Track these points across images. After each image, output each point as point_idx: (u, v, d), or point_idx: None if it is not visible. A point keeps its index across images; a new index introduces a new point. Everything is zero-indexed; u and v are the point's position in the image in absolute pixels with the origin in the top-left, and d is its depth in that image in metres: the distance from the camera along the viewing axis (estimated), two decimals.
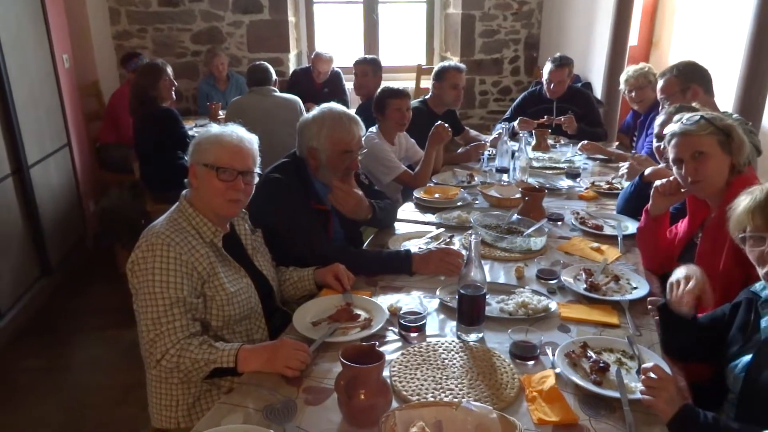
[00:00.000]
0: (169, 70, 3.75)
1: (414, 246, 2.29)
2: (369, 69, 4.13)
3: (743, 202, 1.43)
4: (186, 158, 1.85)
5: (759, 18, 2.69)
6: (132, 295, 1.71)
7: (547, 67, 4.07)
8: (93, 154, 4.70)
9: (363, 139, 2.33)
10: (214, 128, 1.84)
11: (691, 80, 2.90)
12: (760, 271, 1.39)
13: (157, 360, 1.58)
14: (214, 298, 1.72)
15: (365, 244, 2.42)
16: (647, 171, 2.54)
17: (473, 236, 1.66)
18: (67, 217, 4.12)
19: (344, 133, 2.21)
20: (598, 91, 4.89)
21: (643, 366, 1.38)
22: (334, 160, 2.22)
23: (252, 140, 1.85)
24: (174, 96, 3.76)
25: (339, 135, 2.20)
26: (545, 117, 3.98)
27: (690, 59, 3.10)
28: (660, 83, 3.02)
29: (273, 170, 2.25)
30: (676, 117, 2.00)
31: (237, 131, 1.83)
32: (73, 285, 3.97)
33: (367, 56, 4.24)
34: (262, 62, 4.12)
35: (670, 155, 1.95)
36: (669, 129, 1.94)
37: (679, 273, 1.58)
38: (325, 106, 2.30)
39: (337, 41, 6.29)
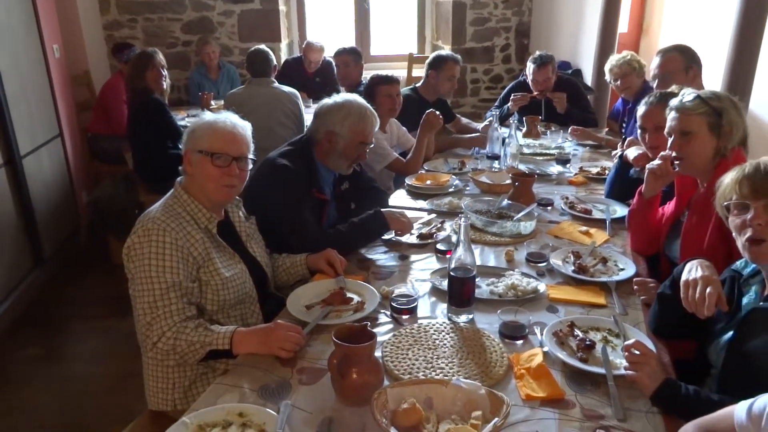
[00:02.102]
0: (160, 57, 3.74)
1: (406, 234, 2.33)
2: (350, 59, 4.16)
3: (732, 174, 1.47)
4: (177, 147, 1.87)
5: (746, 2, 2.72)
6: (128, 281, 1.73)
7: (530, 68, 4.05)
8: (85, 144, 4.70)
9: None
10: (208, 116, 1.86)
11: (692, 60, 2.94)
12: (739, 241, 1.43)
13: (153, 342, 1.61)
14: (209, 283, 1.75)
15: None
16: (627, 153, 2.60)
17: (463, 219, 1.69)
18: (60, 208, 4.12)
19: (367, 125, 2.34)
20: (589, 78, 4.92)
21: (626, 343, 1.43)
22: (350, 149, 2.33)
23: (245, 127, 1.87)
24: (165, 86, 3.75)
25: (362, 127, 2.33)
26: (536, 93, 3.98)
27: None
28: (659, 60, 3.02)
29: (279, 156, 2.29)
30: (683, 90, 2.02)
31: (230, 118, 1.85)
32: (66, 275, 3.99)
33: (346, 46, 4.26)
34: (262, 48, 4.03)
35: (666, 127, 1.99)
36: (671, 102, 1.99)
37: (695, 272, 1.49)
38: (350, 96, 2.42)
39: (329, 30, 6.28)
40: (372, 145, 2.45)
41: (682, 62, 2.95)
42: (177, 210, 1.76)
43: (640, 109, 2.35)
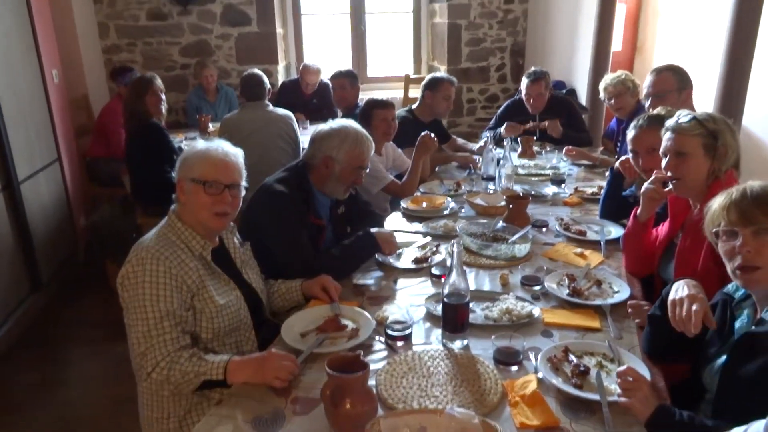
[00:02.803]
0: (158, 82, 3.78)
1: (403, 257, 2.34)
2: (346, 81, 4.19)
3: (719, 199, 1.48)
4: (173, 173, 1.88)
5: (737, 20, 2.75)
6: (123, 310, 1.73)
7: (524, 83, 4.12)
8: (83, 168, 4.72)
9: None
10: (200, 144, 1.87)
11: (685, 81, 2.96)
12: (729, 267, 1.44)
13: (147, 373, 1.61)
14: (203, 311, 1.75)
15: None
16: (617, 164, 2.63)
17: (455, 245, 1.70)
18: (57, 232, 4.13)
19: (364, 150, 2.37)
20: (583, 97, 4.96)
21: (618, 370, 1.43)
22: (346, 173, 2.35)
23: (237, 154, 1.89)
24: (163, 111, 3.78)
25: (359, 151, 2.35)
26: (530, 123, 4.03)
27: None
28: (652, 78, 3.04)
29: (276, 182, 2.31)
30: (678, 111, 2.04)
31: (222, 146, 1.87)
32: (64, 299, 3.98)
33: (342, 69, 4.30)
34: (256, 72, 4.08)
35: (661, 147, 2.00)
36: (667, 123, 2.00)
37: (681, 291, 1.52)
38: (345, 121, 2.46)
39: (326, 52, 6.34)
40: (368, 170, 2.46)
41: (675, 82, 2.98)
42: (171, 238, 1.77)
43: (630, 133, 2.37)
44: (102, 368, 3.24)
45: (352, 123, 2.45)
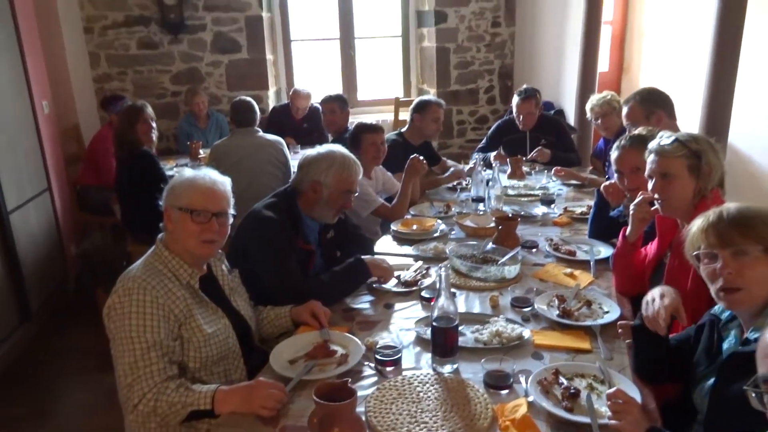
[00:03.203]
0: (149, 111, 3.79)
1: (393, 281, 2.34)
2: (336, 106, 4.22)
3: (698, 222, 1.49)
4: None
5: (720, 39, 2.79)
6: (110, 341, 1.72)
7: (515, 101, 4.17)
8: (73, 196, 4.71)
9: None
10: (187, 172, 1.87)
11: (654, 106, 2.99)
12: (712, 288, 1.44)
13: (134, 405, 1.59)
14: (191, 340, 1.74)
15: None
16: (602, 187, 2.66)
17: (443, 268, 1.70)
18: (47, 262, 4.10)
19: (352, 174, 2.38)
20: (571, 118, 5.01)
21: (608, 392, 1.42)
22: (335, 197, 2.35)
23: (225, 182, 1.89)
24: (154, 139, 3.79)
25: (346, 175, 2.37)
26: (518, 156, 4.04)
27: (652, 85, 3.20)
28: (624, 110, 3.12)
29: (264, 208, 2.31)
30: (661, 132, 2.06)
31: (209, 174, 1.87)
32: (54, 329, 3.94)
33: (331, 94, 4.33)
34: (246, 99, 4.11)
35: (646, 170, 2.02)
36: (650, 145, 2.02)
37: (654, 292, 1.62)
38: (333, 146, 2.48)
39: (316, 77, 6.40)
40: (357, 194, 2.47)
41: (642, 111, 3.01)
42: (158, 267, 1.76)
43: (614, 154, 2.40)
44: (92, 398, 3.19)
45: (339, 148, 2.47)
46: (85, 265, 4.31)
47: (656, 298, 1.57)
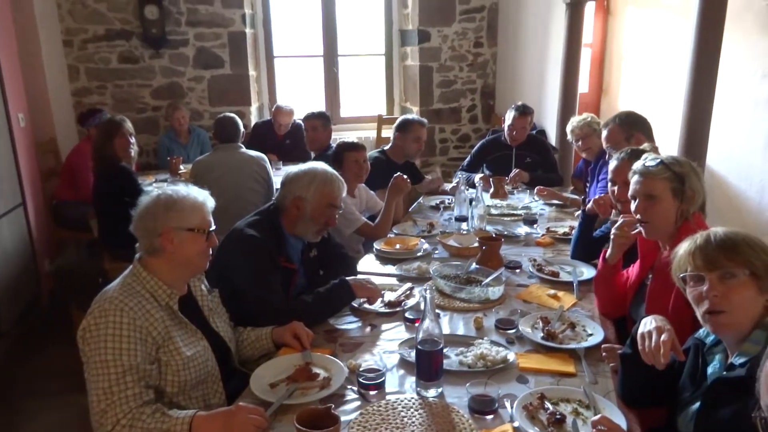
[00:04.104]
0: (128, 125, 3.73)
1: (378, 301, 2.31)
2: (318, 123, 4.20)
3: (685, 245, 1.50)
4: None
5: (697, 62, 2.84)
6: (83, 364, 1.66)
7: (510, 115, 4.20)
8: (49, 212, 4.61)
9: None
10: (180, 191, 1.81)
11: (633, 128, 3.04)
12: (698, 311, 1.44)
13: (107, 431, 1.53)
14: (169, 363, 1.69)
15: None
16: (589, 205, 2.67)
17: (427, 291, 1.68)
18: (20, 278, 3.99)
19: (334, 188, 2.37)
20: (553, 138, 5.06)
21: (592, 419, 1.40)
22: (317, 213, 2.33)
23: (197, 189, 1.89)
24: (133, 154, 3.73)
25: (329, 189, 2.35)
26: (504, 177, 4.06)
27: (630, 109, 3.24)
28: (604, 133, 3.16)
29: (247, 227, 2.28)
30: (646, 154, 2.08)
31: (192, 191, 1.84)
32: (26, 348, 3.82)
33: (314, 111, 4.32)
34: (229, 115, 4.08)
35: (630, 190, 2.03)
36: (634, 166, 2.03)
37: (649, 324, 1.55)
38: (314, 163, 2.47)
39: (299, 94, 6.39)
40: (341, 210, 2.45)
41: (621, 134, 3.06)
42: (135, 288, 1.71)
43: (612, 164, 2.43)
44: (66, 419, 3.09)
45: (321, 164, 2.46)
46: (60, 282, 4.21)
47: (653, 332, 1.50)
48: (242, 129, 4.05)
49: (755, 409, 0.98)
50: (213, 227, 1.83)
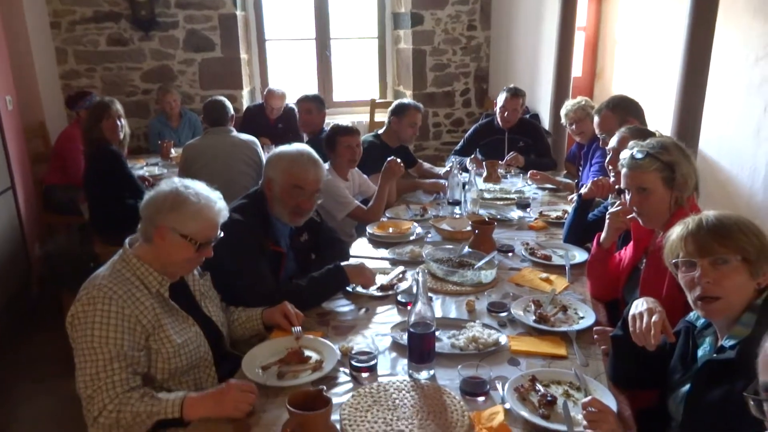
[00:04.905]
0: (116, 107, 3.69)
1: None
2: (313, 106, 4.16)
3: (677, 230, 1.49)
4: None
5: (690, 46, 2.83)
6: (72, 349, 1.65)
7: (502, 96, 4.19)
8: (39, 196, 4.56)
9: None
10: (191, 194, 1.74)
11: (626, 113, 3.02)
12: (690, 297, 1.45)
13: (94, 417, 1.53)
14: (159, 351, 1.68)
15: None
16: (584, 191, 2.67)
17: (420, 274, 1.67)
18: (10, 263, 3.96)
19: (298, 168, 2.29)
20: (546, 122, 5.05)
21: (582, 401, 1.41)
22: (285, 194, 2.28)
23: (220, 196, 1.83)
24: (121, 136, 3.69)
25: (294, 169, 2.29)
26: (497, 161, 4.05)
27: (622, 93, 3.23)
28: (596, 119, 3.14)
29: (233, 210, 2.25)
30: (631, 143, 2.05)
31: (211, 197, 1.78)
32: (16, 333, 3.80)
33: (309, 94, 4.27)
34: (218, 98, 4.04)
35: (622, 182, 2.02)
36: (622, 155, 2.01)
37: (640, 306, 1.56)
38: (293, 145, 2.41)
39: (291, 77, 6.33)
40: (318, 195, 2.39)
41: (615, 119, 3.03)
42: (125, 275, 1.69)
43: (614, 140, 2.44)
44: (56, 405, 3.08)
45: (298, 146, 2.40)
46: (50, 267, 4.17)
47: (644, 314, 1.52)
48: (231, 112, 4.00)
49: (748, 387, 0.98)
50: (214, 237, 1.77)
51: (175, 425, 1.56)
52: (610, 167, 2.47)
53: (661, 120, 3.33)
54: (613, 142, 2.46)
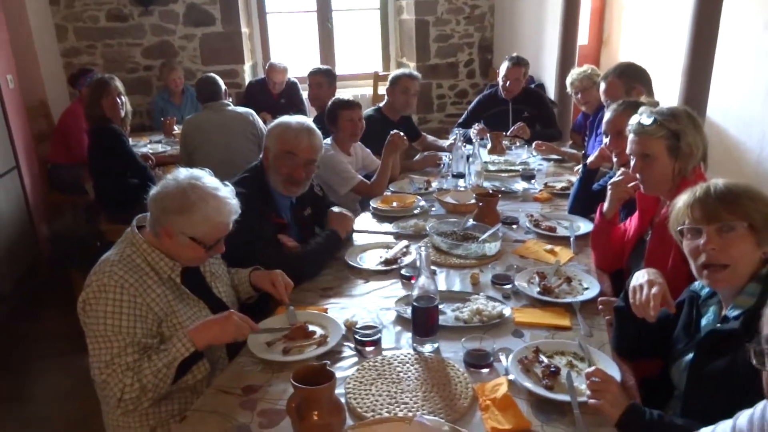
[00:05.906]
0: (116, 84, 3.66)
1: (373, 257, 2.32)
2: (323, 80, 4.11)
3: (684, 197, 1.48)
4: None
5: (699, 12, 2.77)
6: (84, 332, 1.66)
7: (504, 65, 4.14)
8: (44, 175, 4.57)
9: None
10: (199, 195, 1.69)
11: (633, 80, 2.97)
12: (694, 265, 1.44)
13: (118, 398, 1.54)
14: (171, 338, 1.68)
15: None
16: (590, 160, 2.67)
17: (423, 248, 1.67)
18: (18, 243, 3.99)
19: (291, 135, 2.33)
20: (551, 92, 4.98)
21: (586, 371, 1.41)
22: (277, 161, 2.32)
23: (233, 191, 1.81)
24: (122, 114, 3.67)
25: (286, 135, 2.33)
26: (499, 131, 4.00)
27: (630, 60, 3.16)
28: (602, 86, 3.08)
29: (234, 184, 2.24)
30: (641, 108, 2.01)
31: (227, 196, 1.76)
32: (26, 311, 3.85)
33: (321, 67, 4.22)
34: (210, 74, 4.01)
35: (627, 148, 2.00)
36: (630, 122, 1.98)
37: (641, 278, 1.56)
38: (290, 116, 2.45)
39: (293, 51, 6.26)
40: (314, 167, 2.39)
41: (621, 86, 2.97)
42: (136, 261, 1.68)
43: (607, 115, 2.42)
44: (67, 382, 3.13)
45: (296, 117, 2.44)
46: (58, 246, 4.21)
47: (644, 286, 1.52)
48: (224, 87, 3.96)
49: (752, 340, 0.97)
50: (224, 235, 1.76)
51: (194, 361, 1.63)
52: (603, 135, 2.47)
53: (669, 87, 3.27)
54: (606, 115, 2.43)
